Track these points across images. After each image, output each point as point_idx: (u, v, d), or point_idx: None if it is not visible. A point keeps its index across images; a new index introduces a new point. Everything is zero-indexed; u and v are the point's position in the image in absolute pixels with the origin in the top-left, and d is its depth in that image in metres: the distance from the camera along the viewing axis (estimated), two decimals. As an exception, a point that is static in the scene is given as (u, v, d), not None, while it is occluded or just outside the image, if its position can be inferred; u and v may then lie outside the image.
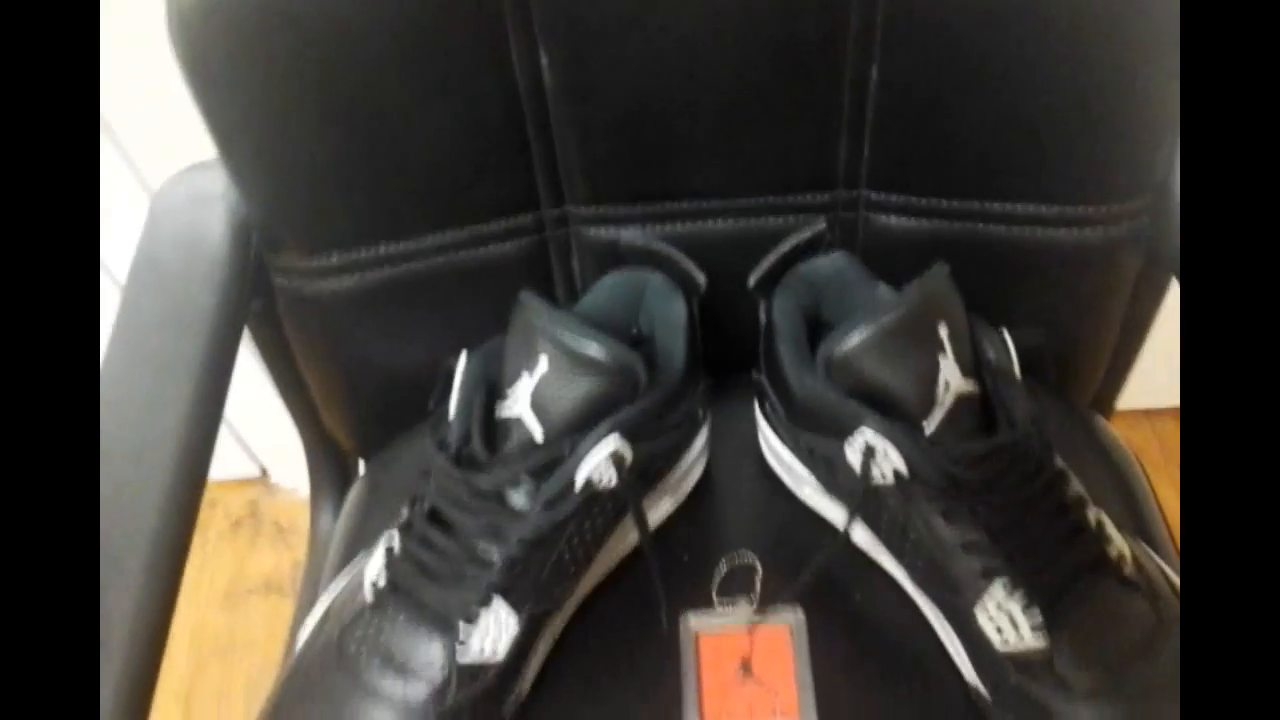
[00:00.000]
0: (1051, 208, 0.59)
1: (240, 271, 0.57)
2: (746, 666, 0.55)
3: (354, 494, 0.67)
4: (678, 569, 0.58)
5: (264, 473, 1.33)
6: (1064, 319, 0.65)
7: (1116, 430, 0.69)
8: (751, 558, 0.59)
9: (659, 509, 0.60)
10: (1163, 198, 0.60)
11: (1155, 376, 0.87)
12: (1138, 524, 0.60)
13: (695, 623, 0.56)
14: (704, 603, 0.57)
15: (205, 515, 1.30)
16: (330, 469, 0.72)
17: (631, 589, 0.57)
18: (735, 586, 0.58)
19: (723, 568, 0.59)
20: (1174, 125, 0.57)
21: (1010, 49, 0.52)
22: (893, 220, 0.62)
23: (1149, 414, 1.23)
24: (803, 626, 0.56)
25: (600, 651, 0.56)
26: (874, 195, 0.61)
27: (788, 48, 0.53)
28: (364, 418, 0.68)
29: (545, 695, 0.54)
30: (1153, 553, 0.55)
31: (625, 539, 0.58)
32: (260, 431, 1.25)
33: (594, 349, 0.48)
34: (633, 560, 0.59)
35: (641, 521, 0.51)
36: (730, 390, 0.64)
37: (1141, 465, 0.66)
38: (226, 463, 1.27)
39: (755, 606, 0.56)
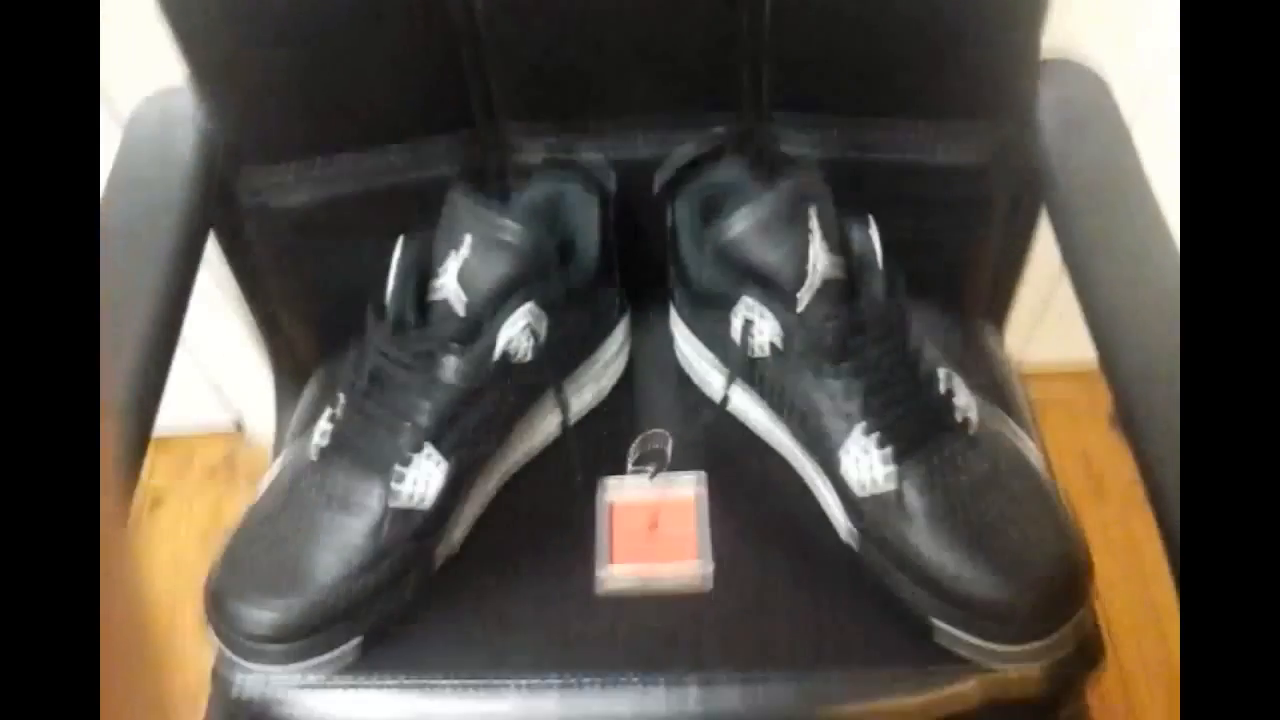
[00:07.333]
0: (927, 127, 0.67)
1: (207, 174, 0.65)
2: (654, 524, 0.63)
3: (308, 389, 0.74)
4: (597, 445, 0.66)
5: (239, 426, 1.39)
6: (945, 237, 0.73)
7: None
8: (663, 435, 0.67)
9: (582, 397, 0.68)
10: (1029, 126, 0.68)
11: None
12: (1005, 404, 0.68)
13: (611, 489, 0.64)
14: (619, 471, 0.65)
15: (181, 465, 1.36)
16: (291, 376, 0.79)
17: (556, 465, 0.65)
18: (648, 460, 0.66)
19: (638, 443, 0.66)
20: (1033, 58, 0.66)
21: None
22: (792, 149, 0.70)
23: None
24: (704, 492, 0.64)
25: (526, 513, 0.63)
26: (776, 120, 0.69)
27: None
28: (323, 325, 0.76)
29: (475, 547, 0.62)
30: (1012, 422, 0.63)
31: (548, 422, 0.66)
32: (237, 385, 1.31)
33: (510, 232, 0.56)
34: (558, 444, 0.66)
35: (558, 387, 0.59)
36: (652, 307, 0.72)
37: (1013, 365, 0.74)
38: (203, 414, 1.33)
39: (664, 471, 0.64)
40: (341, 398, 0.59)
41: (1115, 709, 0.99)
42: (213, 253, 0.73)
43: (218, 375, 1.28)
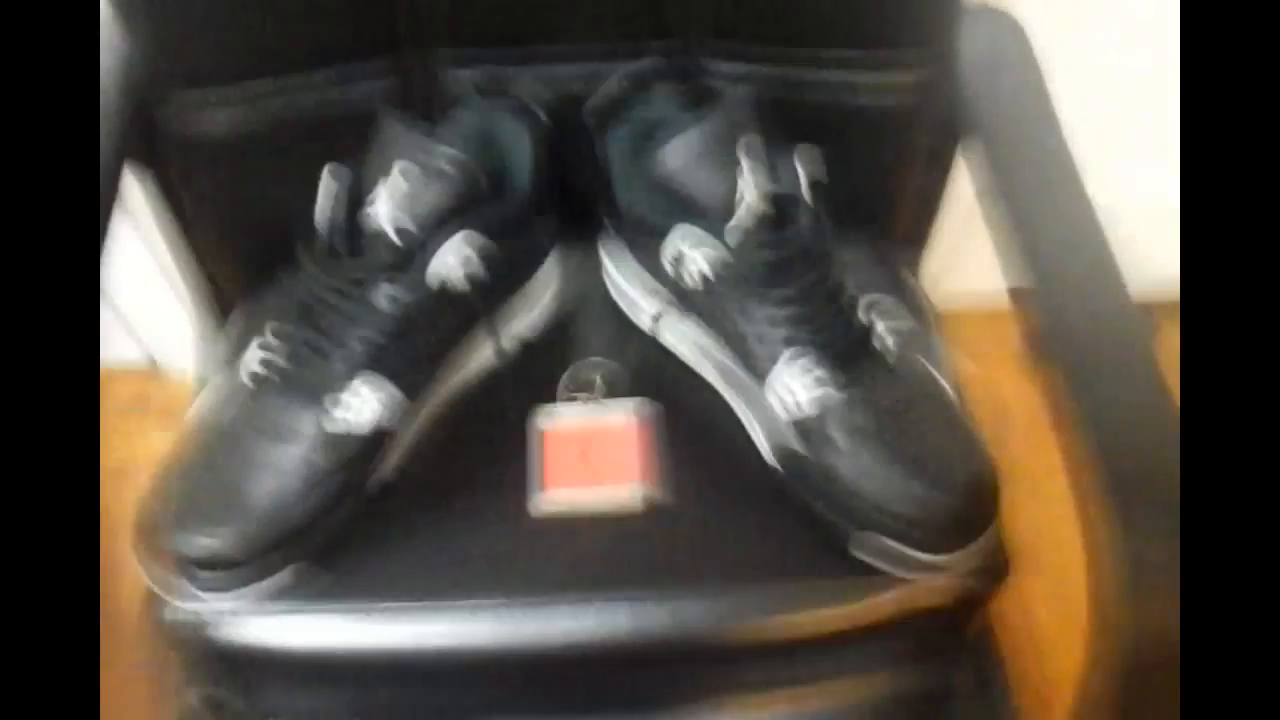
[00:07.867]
0: (851, 63, 0.69)
1: (125, 100, 0.63)
2: (587, 449, 0.64)
3: (233, 320, 0.73)
4: (531, 373, 0.67)
5: (153, 362, 1.36)
6: (868, 174, 0.75)
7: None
8: (596, 363, 0.68)
9: (515, 327, 0.68)
10: (950, 68, 0.69)
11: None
12: (921, 335, 0.70)
13: (544, 416, 0.65)
14: (552, 398, 0.66)
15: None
16: (213, 308, 0.78)
17: (491, 393, 0.66)
18: (581, 388, 0.67)
19: (570, 371, 0.67)
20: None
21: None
22: (722, 82, 0.70)
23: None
24: (635, 418, 0.65)
25: (461, 440, 0.64)
26: (705, 51, 0.69)
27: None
28: (247, 255, 0.75)
29: (410, 474, 0.62)
30: (928, 351, 0.66)
31: (482, 351, 0.66)
32: (149, 319, 1.28)
33: (444, 158, 0.55)
34: (492, 372, 0.67)
35: (492, 316, 0.60)
36: (585, 238, 0.73)
37: (928, 298, 0.77)
38: (114, 350, 1.30)
39: (596, 399, 0.65)
40: (272, 327, 0.59)
41: (1018, 635, 1.05)
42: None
43: (128, 309, 1.24)
